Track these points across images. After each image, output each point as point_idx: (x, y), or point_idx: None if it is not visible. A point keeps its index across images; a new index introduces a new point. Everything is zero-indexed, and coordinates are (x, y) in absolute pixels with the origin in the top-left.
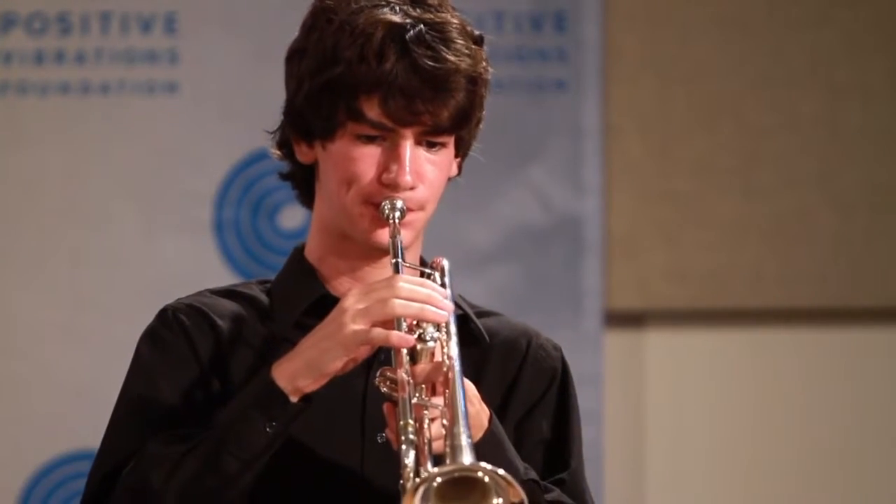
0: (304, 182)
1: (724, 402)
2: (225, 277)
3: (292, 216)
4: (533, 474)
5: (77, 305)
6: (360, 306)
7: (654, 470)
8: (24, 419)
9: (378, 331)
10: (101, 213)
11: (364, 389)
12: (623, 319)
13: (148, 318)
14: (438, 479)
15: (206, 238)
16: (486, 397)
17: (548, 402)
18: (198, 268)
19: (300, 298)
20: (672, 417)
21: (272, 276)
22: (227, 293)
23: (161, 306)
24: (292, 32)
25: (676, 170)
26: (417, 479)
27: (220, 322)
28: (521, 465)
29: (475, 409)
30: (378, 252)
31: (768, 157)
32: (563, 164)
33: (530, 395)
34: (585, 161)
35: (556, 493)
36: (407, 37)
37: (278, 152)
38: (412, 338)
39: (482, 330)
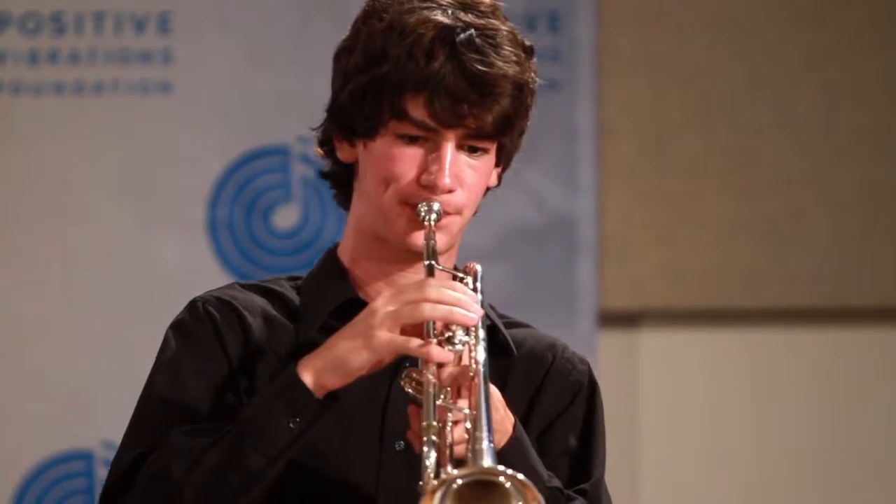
0: (343, 182)
1: (719, 402)
2: (219, 277)
3: (286, 216)
4: (557, 482)
5: (71, 305)
6: (390, 308)
7: (649, 470)
8: (18, 419)
9: (415, 342)
10: (95, 212)
11: (386, 397)
12: (617, 319)
13: (143, 317)
14: (458, 482)
15: (199, 238)
16: (509, 407)
17: (571, 415)
18: (191, 267)
19: (329, 300)
20: (666, 417)
21: (301, 273)
22: (257, 288)
23: (155, 306)
24: (286, 32)
25: (670, 170)
26: (436, 481)
27: (249, 317)
28: (544, 472)
29: (500, 415)
30: (412, 255)
31: (762, 156)
32: (557, 164)
33: (553, 407)
34: (579, 161)
35: (578, 502)
36: (457, 39)
37: (320, 150)
38: (451, 354)
39: (510, 341)
